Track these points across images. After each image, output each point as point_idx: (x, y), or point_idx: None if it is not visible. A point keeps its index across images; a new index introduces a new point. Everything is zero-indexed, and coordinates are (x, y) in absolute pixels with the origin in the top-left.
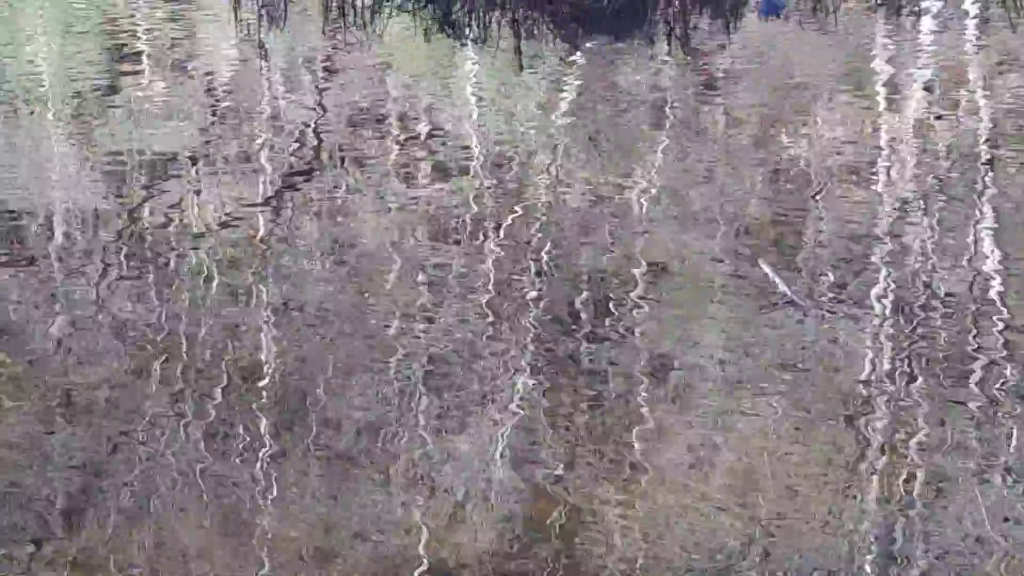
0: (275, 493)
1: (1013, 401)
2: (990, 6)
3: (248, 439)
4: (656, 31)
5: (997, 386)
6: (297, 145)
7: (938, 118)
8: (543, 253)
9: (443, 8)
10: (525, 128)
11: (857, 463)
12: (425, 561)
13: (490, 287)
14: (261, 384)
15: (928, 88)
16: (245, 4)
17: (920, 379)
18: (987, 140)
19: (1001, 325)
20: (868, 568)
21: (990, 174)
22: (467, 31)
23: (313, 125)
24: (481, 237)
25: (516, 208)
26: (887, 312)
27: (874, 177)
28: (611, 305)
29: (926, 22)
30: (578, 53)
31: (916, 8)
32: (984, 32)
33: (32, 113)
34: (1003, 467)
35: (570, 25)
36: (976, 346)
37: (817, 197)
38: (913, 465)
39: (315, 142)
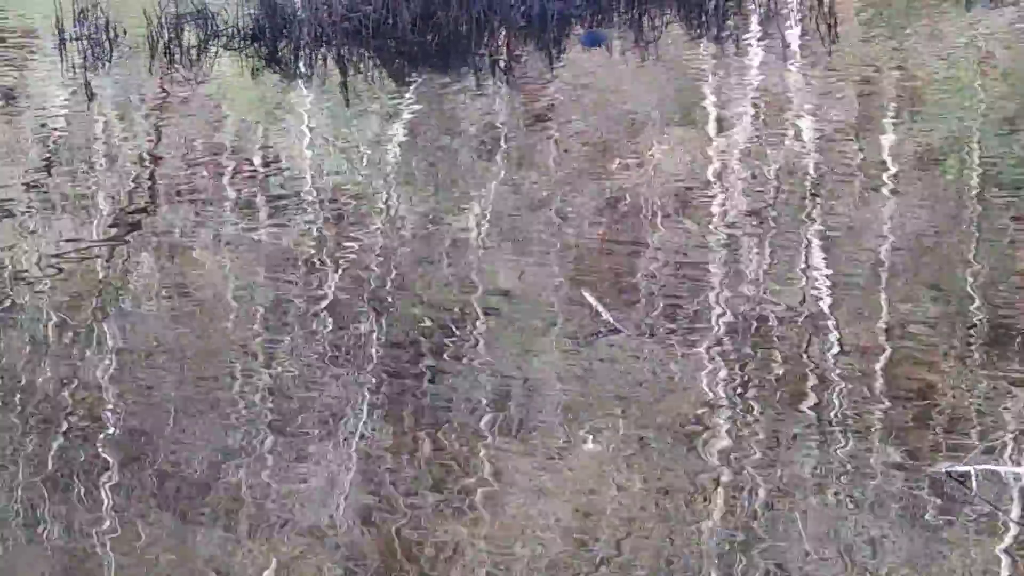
0: (119, 534)
1: (845, 418)
2: (808, 33)
3: (90, 481)
4: (481, 64)
5: (830, 404)
6: (132, 184)
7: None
8: (382, 285)
9: (269, 46)
10: (359, 162)
11: (697, 486)
12: None
13: (330, 320)
14: (102, 426)
15: None
16: (71, 44)
17: (756, 400)
18: (813, 165)
19: (833, 343)
20: None
21: (817, 198)
22: (294, 68)
23: (148, 164)
24: (319, 271)
25: (353, 241)
26: (721, 335)
27: (705, 203)
28: (451, 335)
29: (750, 51)
30: (408, 87)
31: (738, 37)
32: (805, 60)
33: None
34: (837, 484)
35: (396, 60)
36: (810, 365)
37: (650, 224)
38: (752, 485)
39: (150, 181)
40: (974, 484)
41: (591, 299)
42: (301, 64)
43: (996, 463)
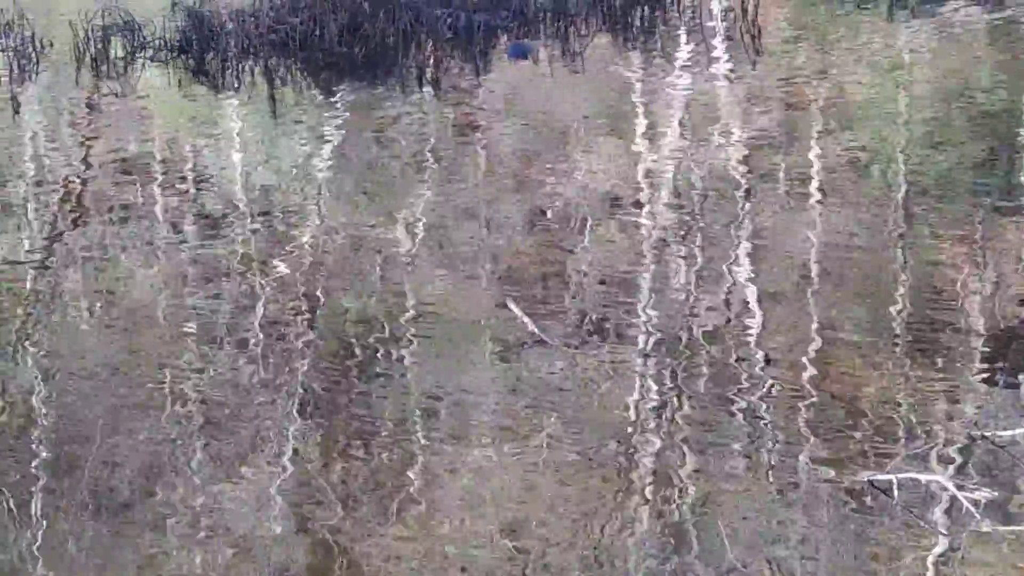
0: (51, 546)
1: (773, 427)
2: (734, 44)
3: (22, 493)
4: (409, 76)
5: (758, 412)
6: (61, 197)
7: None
8: (312, 297)
9: (196, 58)
10: (289, 174)
11: (626, 495)
12: None
13: (260, 333)
14: (32, 440)
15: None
16: None
17: (684, 408)
18: (741, 173)
19: (761, 351)
20: None
21: (744, 206)
22: (222, 80)
23: (77, 176)
24: (250, 283)
25: (283, 254)
26: (650, 344)
27: (634, 214)
28: (381, 346)
29: (676, 61)
30: (336, 99)
31: (664, 48)
32: (731, 70)
33: None
34: (766, 492)
35: (323, 72)
36: (738, 373)
37: (579, 235)
38: (681, 495)
39: (79, 194)
40: (895, 493)
41: (516, 310)
42: (229, 76)
43: (919, 472)
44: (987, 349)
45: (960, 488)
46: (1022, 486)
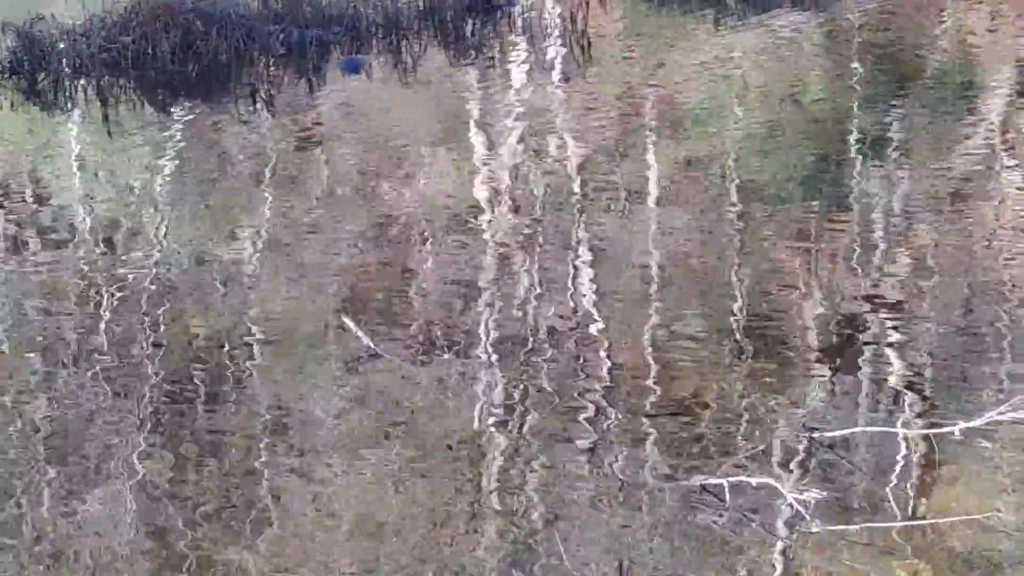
0: None
1: (618, 433)
2: (564, 49)
3: None
4: (243, 92)
5: (603, 418)
6: None
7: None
8: (156, 315)
9: (28, 78)
10: (128, 193)
11: (476, 504)
12: None
13: (104, 352)
14: None
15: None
16: None
17: (531, 417)
18: (578, 181)
19: (603, 358)
20: None
21: (584, 213)
22: (54, 100)
23: None
24: (93, 305)
25: (126, 272)
26: (493, 354)
27: (475, 225)
28: (226, 363)
29: (511, 72)
30: (172, 117)
31: (497, 59)
32: (566, 80)
33: None
34: (612, 499)
35: (158, 91)
36: (582, 381)
37: (421, 247)
38: (529, 502)
39: None
40: (727, 496)
41: (351, 325)
42: (62, 96)
43: (751, 475)
44: (822, 351)
45: (792, 490)
46: (856, 486)
